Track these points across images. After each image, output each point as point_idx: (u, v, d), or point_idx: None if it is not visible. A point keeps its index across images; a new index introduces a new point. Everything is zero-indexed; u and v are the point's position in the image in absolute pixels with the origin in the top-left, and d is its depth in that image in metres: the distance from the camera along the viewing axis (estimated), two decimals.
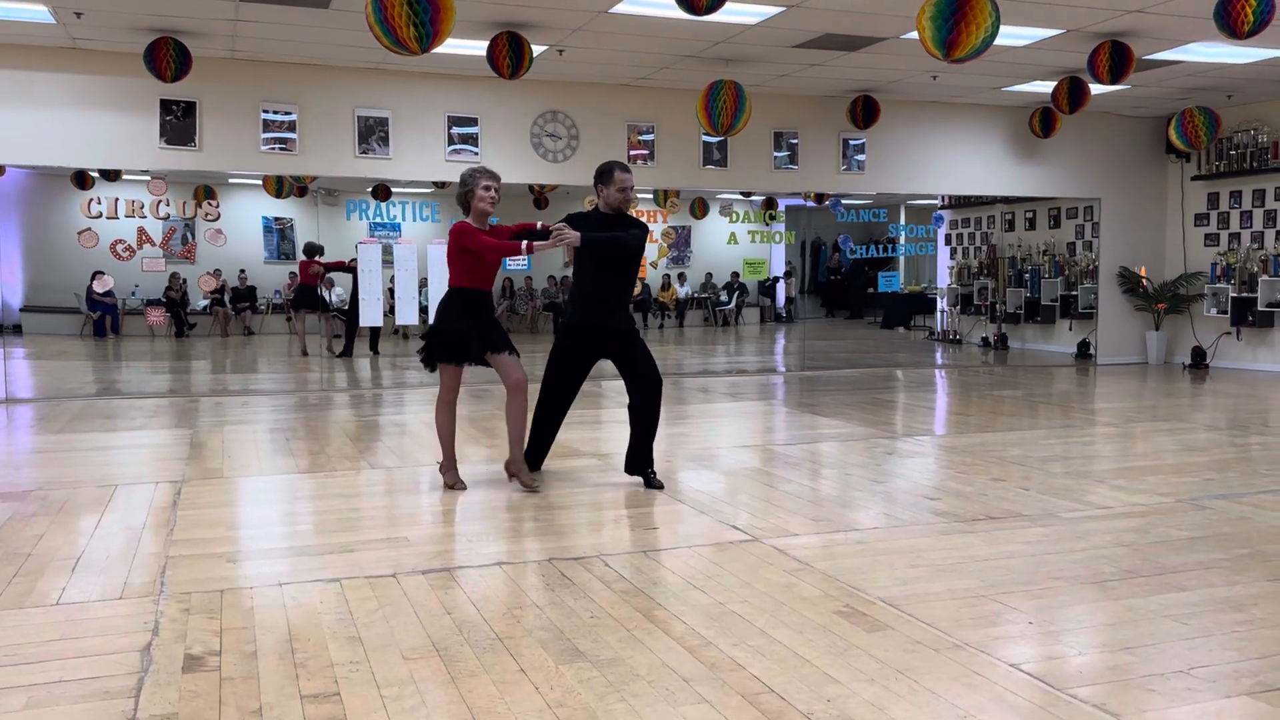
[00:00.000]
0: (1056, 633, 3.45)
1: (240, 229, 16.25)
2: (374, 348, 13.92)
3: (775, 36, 8.91)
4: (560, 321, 5.76)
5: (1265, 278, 11.84)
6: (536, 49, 8.77)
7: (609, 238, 5.50)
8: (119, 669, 3.08)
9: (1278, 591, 3.85)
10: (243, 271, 16.71)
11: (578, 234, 5.37)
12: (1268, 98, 11.77)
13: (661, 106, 11.08)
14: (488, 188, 5.43)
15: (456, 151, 10.44)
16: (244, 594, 3.80)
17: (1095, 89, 10.20)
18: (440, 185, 12.83)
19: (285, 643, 3.30)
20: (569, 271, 21.36)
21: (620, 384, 6.32)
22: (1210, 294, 12.51)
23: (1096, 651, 3.28)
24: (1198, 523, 4.90)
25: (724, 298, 19.21)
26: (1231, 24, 6.84)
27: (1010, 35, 8.69)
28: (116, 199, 10.67)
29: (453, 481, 5.67)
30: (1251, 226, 12.24)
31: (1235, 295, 12.16)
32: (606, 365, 5.92)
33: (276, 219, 16.94)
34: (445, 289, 5.55)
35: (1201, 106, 10.24)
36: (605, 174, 5.60)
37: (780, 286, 18.81)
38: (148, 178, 10.71)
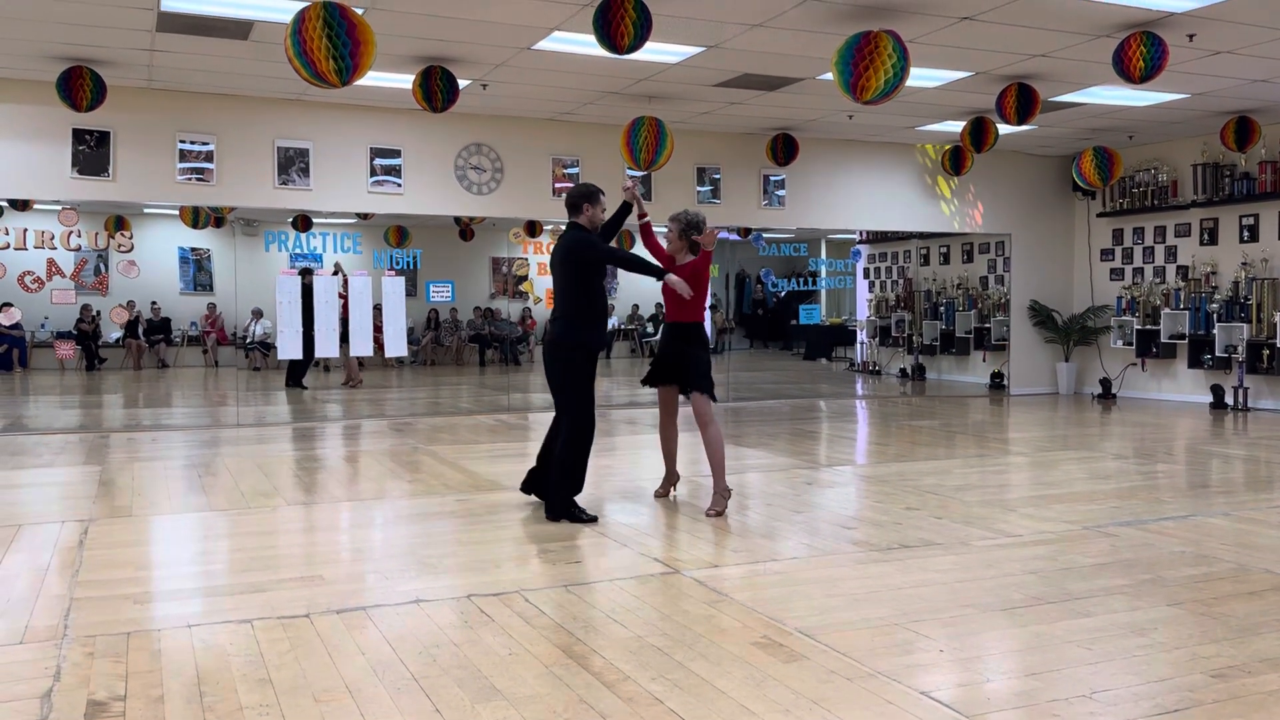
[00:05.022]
0: (967, 660, 3.53)
1: (155, 260, 15.91)
2: (297, 381, 13.66)
3: (696, 75, 9.07)
4: (558, 342, 5.89)
5: (1167, 311, 12.33)
6: (461, 83, 8.79)
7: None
8: (16, 717, 2.97)
9: (1177, 616, 4.00)
10: (155, 303, 16.34)
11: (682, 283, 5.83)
12: (1166, 138, 12.31)
13: (586, 141, 11.16)
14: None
15: (379, 183, 10.38)
16: (151, 636, 3.70)
17: (1004, 129, 10.57)
18: (363, 216, 12.73)
19: (193, 686, 3.22)
20: (494, 304, 20.89)
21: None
22: (1116, 326, 12.97)
23: (1005, 678, 3.37)
24: (1103, 549, 5.06)
25: (650, 329, 19.32)
26: (1126, 69, 7.17)
27: (922, 77, 8.97)
28: (25, 229, 10.39)
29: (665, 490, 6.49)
30: (1154, 261, 12.74)
31: (1140, 328, 12.62)
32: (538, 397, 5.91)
33: (193, 249, 16.61)
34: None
35: (1098, 147, 10.63)
36: (594, 195, 5.93)
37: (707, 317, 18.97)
38: (58, 208, 10.44)
